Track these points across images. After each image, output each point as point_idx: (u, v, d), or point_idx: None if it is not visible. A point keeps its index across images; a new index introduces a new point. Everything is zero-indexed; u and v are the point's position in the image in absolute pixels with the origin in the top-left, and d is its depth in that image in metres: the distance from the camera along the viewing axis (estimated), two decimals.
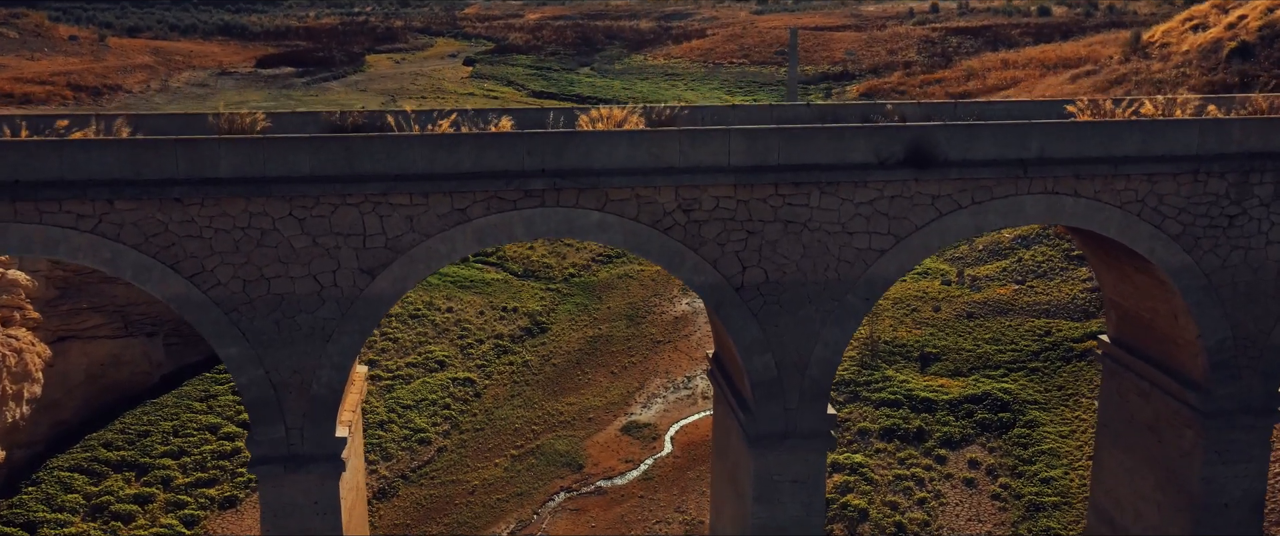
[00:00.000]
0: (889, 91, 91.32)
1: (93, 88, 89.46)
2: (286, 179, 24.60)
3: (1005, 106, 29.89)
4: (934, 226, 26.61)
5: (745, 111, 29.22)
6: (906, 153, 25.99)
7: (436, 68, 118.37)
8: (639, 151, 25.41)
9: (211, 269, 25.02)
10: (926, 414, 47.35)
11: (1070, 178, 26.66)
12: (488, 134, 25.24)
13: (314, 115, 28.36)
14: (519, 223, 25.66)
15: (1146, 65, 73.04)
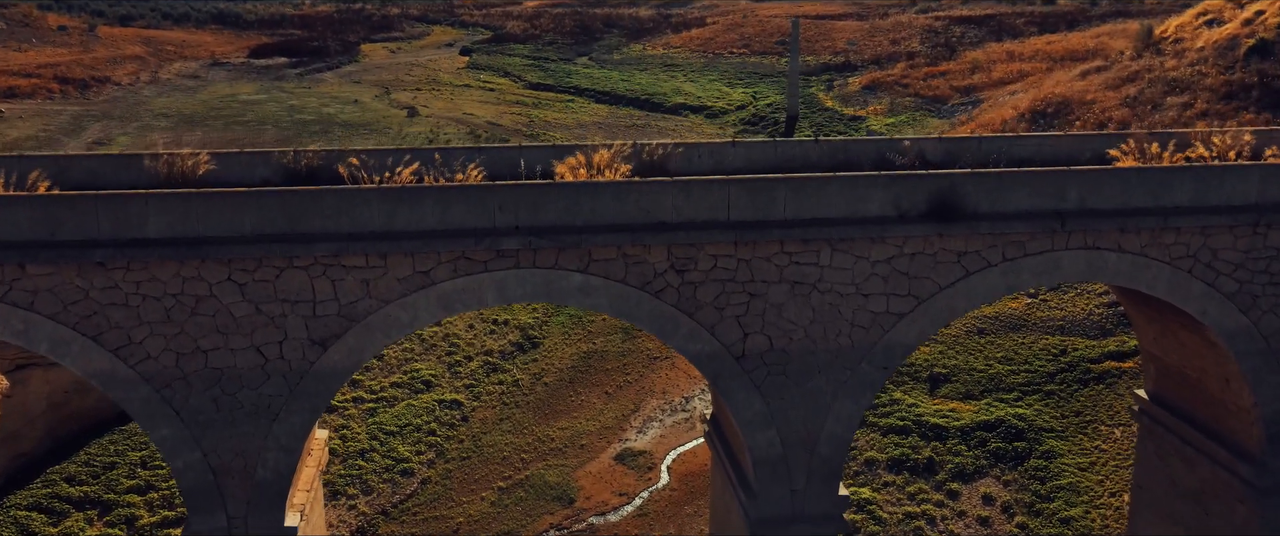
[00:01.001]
0: (892, 83, 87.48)
1: (80, 80, 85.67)
2: (225, 239, 21.04)
3: (1036, 142, 26.23)
4: (960, 287, 23.03)
5: (746, 149, 25.55)
6: (930, 204, 22.38)
7: (432, 58, 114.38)
8: (626, 205, 21.81)
9: (140, 341, 21.49)
10: (937, 442, 43.88)
11: (1113, 231, 23.06)
12: (454, 186, 21.63)
13: (264, 156, 24.71)
14: (490, 287, 22.10)
15: (1160, 62, 69.18)
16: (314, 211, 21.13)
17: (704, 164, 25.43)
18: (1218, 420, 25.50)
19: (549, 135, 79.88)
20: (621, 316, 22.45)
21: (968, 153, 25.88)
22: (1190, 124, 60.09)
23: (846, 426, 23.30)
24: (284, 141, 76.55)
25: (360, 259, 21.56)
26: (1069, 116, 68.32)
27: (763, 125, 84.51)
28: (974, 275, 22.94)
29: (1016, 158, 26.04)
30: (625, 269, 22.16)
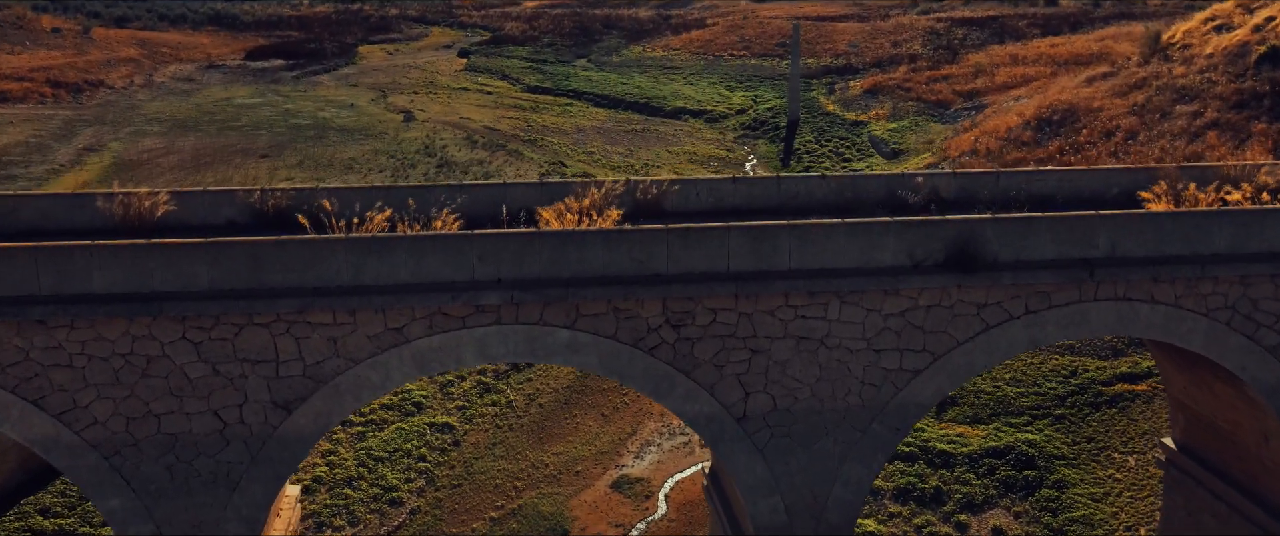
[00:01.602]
0: (894, 87, 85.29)
1: (73, 84, 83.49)
2: (178, 295, 18.95)
3: (1057, 177, 24.11)
4: (980, 341, 20.92)
5: (747, 186, 23.43)
6: (947, 253, 20.28)
7: (430, 60, 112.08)
8: (617, 255, 19.71)
9: (86, 405, 19.42)
10: (944, 469, 41.78)
11: (1146, 280, 20.95)
12: (428, 236, 19.51)
13: (228, 196, 22.61)
14: (470, 345, 19.99)
15: (1168, 68, 67.01)
16: (276, 264, 19.04)
17: (702, 202, 23.34)
18: (1255, 478, 23.42)
19: (547, 141, 77.77)
20: (612, 375, 20.36)
21: (984, 189, 23.79)
22: (1201, 134, 57.98)
23: (856, 491, 21.20)
24: (278, 147, 74.53)
25: (327, 315, 19.48)
26: (1076, 124, 66.17)
27: (763, 130, 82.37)
28: (994, 329, 20.83)
29: (1037, 194, 23.95)
30: (616, 324, 20.07)
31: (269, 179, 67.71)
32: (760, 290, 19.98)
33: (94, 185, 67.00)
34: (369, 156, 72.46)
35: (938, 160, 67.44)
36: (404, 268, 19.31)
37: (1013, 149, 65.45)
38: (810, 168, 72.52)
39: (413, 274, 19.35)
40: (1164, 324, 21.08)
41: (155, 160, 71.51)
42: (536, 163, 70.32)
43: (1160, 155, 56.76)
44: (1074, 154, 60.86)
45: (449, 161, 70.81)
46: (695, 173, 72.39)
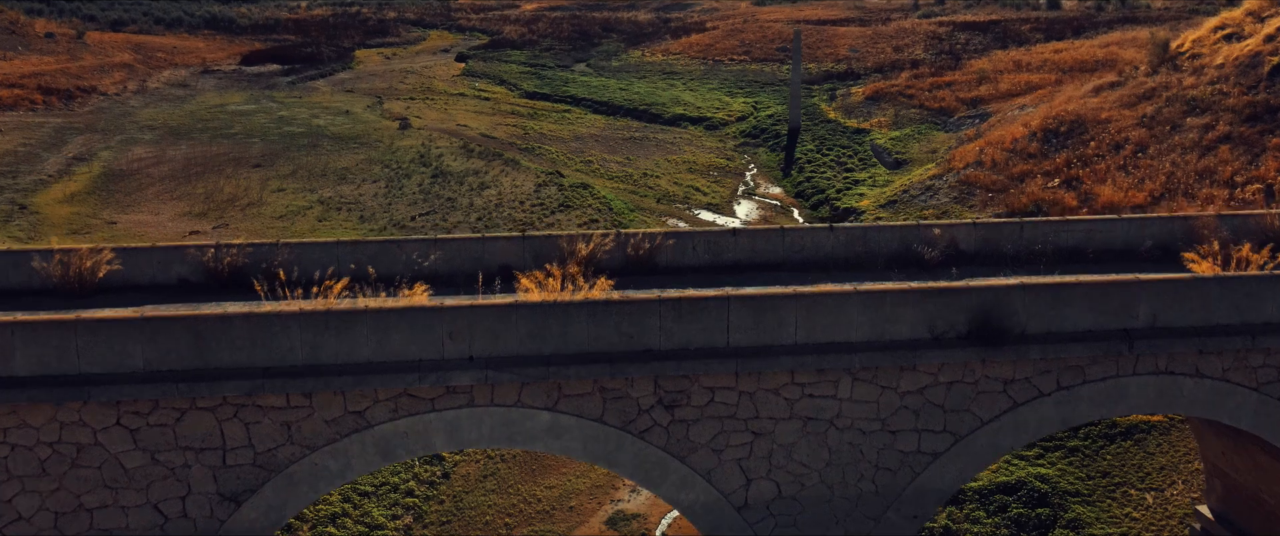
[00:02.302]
0: (896, 94, 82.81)
1: (65, 91, 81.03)
2: (111, 377, 16.61)
3: (1086, 227, 21.75)
4: (1006, 420, 18.56)
5: (749, 239, 21.07)
6: (971, 324, 17.92)
7: (427, 64, 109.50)
8: (604, 329, 17.36)
9: (9, 499, 17.09)
10: (953, 507, 39.40)
11: (1191, 353, 18.59)
12: (392, 309, 17.16)
13: (179, 252, 20.25)
14: (439, 429, 17.64)
15: (1177, 78, 64.50)
16: (221, 341, 16.70)
17: (698, 257, 20.98)
18: None
19: (544, 149, 75.37)
20: (598, 462, 18.04)
21: (1007, 241, 21.44)
22: (1213, 148, 55.57)
23: None
24: (271, 156, 72.26)
25: (279, 398, 17.14)
26: (1083, 135, 63.73)
27: (764, 138, 79.97)
28: (1023, 407, 18.48)
29: (1064, 246, 21.61)
30: (603, 405, 17.73)
31: (261, 190, 65.45)
32: (763, 367, 17.64)
33: (82, 197, 64.71)
34: (363, 166, 70.16)
35: (942, 171, 65.07)
36: (366, 345, 16.97)
37: (1019, 161, 63.03)
38: (811, 178, 70.18)
39: (375, 351, 17.01)
40: (1210, 399, 18.72)
41: (145, 170, 69.20)
42: (533, 172, 67.98)
43: (1171, 169, 54.40)
44: (1082, 166, 58.46)
45: (444, 171, 68.51)
46: (695, 182, 70.09)
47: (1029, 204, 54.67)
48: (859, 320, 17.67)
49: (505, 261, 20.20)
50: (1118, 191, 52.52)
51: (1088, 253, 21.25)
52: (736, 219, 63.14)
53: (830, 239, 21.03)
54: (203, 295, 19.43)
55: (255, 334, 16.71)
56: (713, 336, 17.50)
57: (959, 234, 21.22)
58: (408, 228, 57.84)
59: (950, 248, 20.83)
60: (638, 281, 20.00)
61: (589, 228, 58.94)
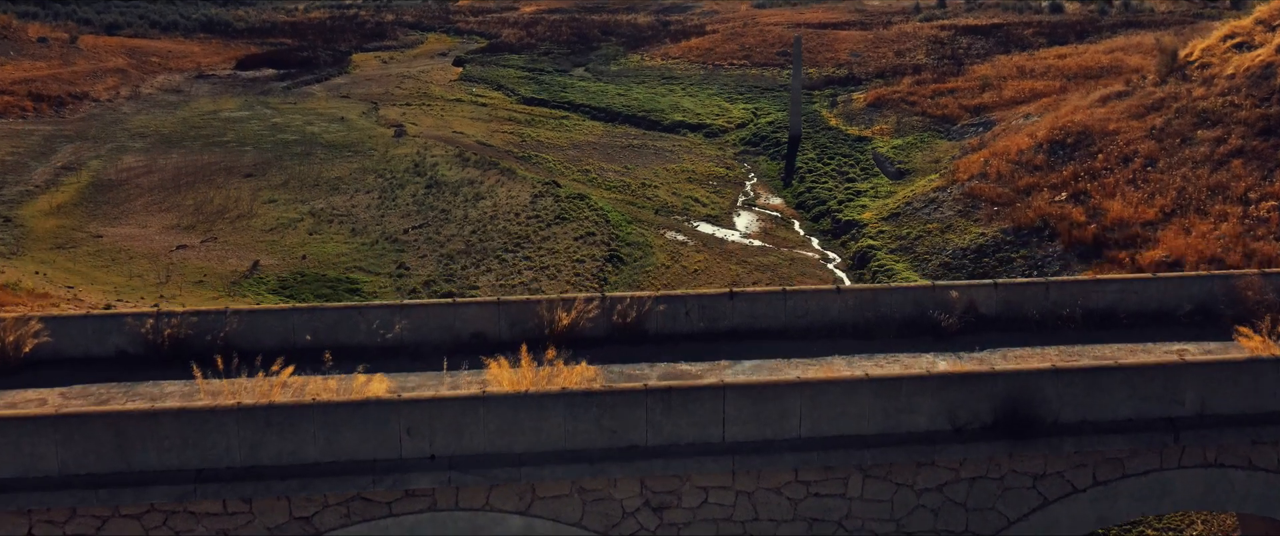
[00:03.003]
0: (898, 101, 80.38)
1: (56, 98, 78.69)
2: (21, 482, 14.34)
3: (1119, 288, 19.45)
4: (1036, 519, 16.27)
5: (748, 304, 18.79)
6: (997, 414, 15.64)
7: (424, 68, 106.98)
8: (583, 423, 15.08)
9: None
10: None
11: (1244, 443, 16.30)
12: (344, 402, 14.87)
13: (117, 321, 17.96)
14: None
15: (1187, 89, 62.06)
16: (149, 441, 14.43)
17: (692, 324, 18.69)
18: None
19: (541, 157, 73.05)
20: None
21: (1032, 304, 19.15)
22: (1225, 162, 53.18)
23: None
24: (263, 165, 69.99)
25: (215, 504, 14.87)
26: (1091, 147, 61.29)
27: (764, 145, 77.62)
28: (1054, 504, 16.22)
29: (1095, 308, 19.32)
30: (582, 509, 15.46)
31: (252, 200, 63.17)
32: (764, 464, 15.37)
33: (69, 209, 62.42)
34: (357, 175, 67.90)
35: (945, 183, 62.67)
36: (313, 443, 14.70)
37: (1024, 173, 60.61)
38: (813, 188, 67.83)
39: (324, 451, 14.75)
40: (1265, 494, 16.46)
41: (134, 180, 66.93)
42: (530, 182, 65.68)
43: (1182, 184, 52.07)
44: (1090, 180, 56.07)
45: (439, 181, 66.25)
46: (694, 192, 67.73)
47: (1036, 218, 52.38)
48: (871, 410, 15.41)
49: (478, 329, 17.94)
50: (1127, 207, 50.22)
51: (1120, 316, 18.96)
52: (736, 231, 60.85)
53: (837, 302, 18.75)
54: (141, 371, 17.20)
55: (187, 432, 14.44)
56: (707, 430, 15.23)
57: (978, 296, 18.93)
58: (400, 241, 55.60)
59: (969, 312, 18.55)
60: (624, 352, 17.76)
61: (585, 240, 56.70)
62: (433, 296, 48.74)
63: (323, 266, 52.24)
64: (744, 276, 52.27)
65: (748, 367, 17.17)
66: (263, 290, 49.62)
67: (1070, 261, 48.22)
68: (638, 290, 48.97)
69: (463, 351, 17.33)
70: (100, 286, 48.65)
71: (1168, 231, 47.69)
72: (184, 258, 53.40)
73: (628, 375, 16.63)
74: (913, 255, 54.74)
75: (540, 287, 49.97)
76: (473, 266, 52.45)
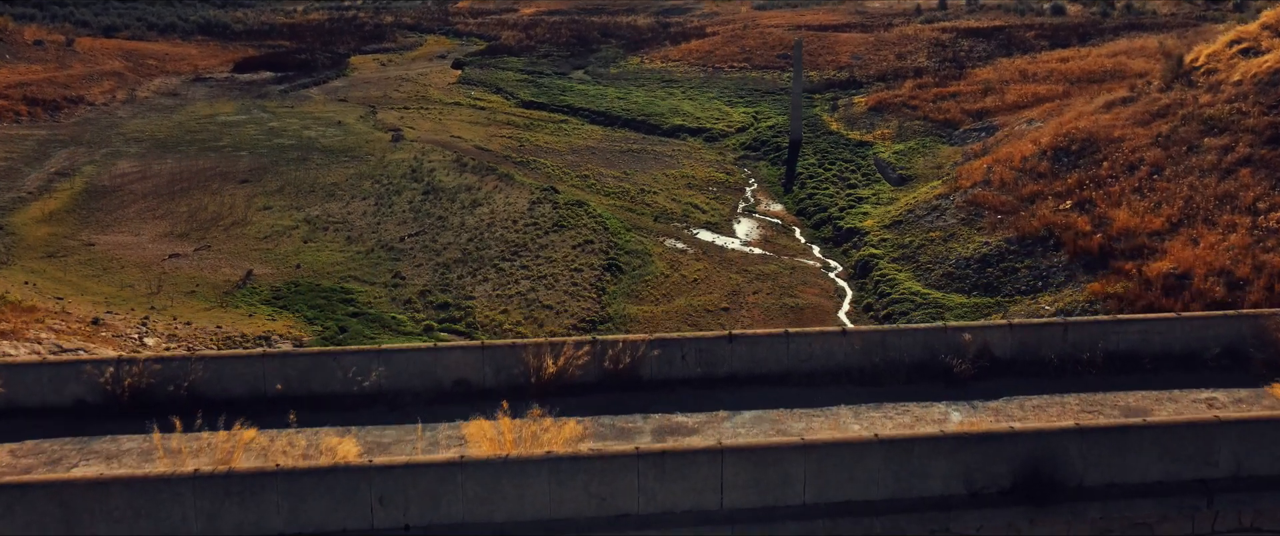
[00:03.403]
0: (900, 105, 79.01)
1: (51, 102, 77.37)
2: None
3: (1141, 329, 18.13)
4: None
5: (748, 347, 17.49)
6: (1017, 477, 14.34)
7: (423, 71, 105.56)
8: (570, 490, 13.78)
9: None
10: None
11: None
12: (310, 470, 13.57)
13: (74, 369, 16.65)
14: None
15: (1193, 95, 60.75)
16: (97, 513, 13.13)
17: (690, 369, 17.38)
18: None
19: (540, 162, 71.76)
20: None
21: (1049, 346, 17.85)
22: (1233, 171, 51.83)
23: None
24: (259, 171, 68.74)
25: None
26: (1096, 155, 60.02)
27: (764, 150, 76.31)
28: None
29: (1116, 350, 18.02)
30: None
31: (246, 207, 61.93)
32: (766, 531, 14.06)
33: (61, 216, 61.15)
34: (353, 181, 66.65)
35: (948, 190, 61.37)
36: (277, 513, 13.40)
37: (1029, 181, 59.32)
38: (814, 194, 66.52)
39: (289, 521, 13.45)
40: None
41: (128, 186, 65.70)
42: (528, 188, 64.41)
43: (1189, 193, 50.80)
44: (1095, 188, 54.78)
45: (436, 187, 65.00)
46: (693, 198, 66.47)
47: (1040, 228, 51.09)
48: (882, 474, 14.11)
49: (461, 376, 16.63)
50: (1133, 216, 48.95)
51: (1143, 359, 17.64)
52: (736, 239, 59.58)
53: (842, 345, 17.43)
54: (99, 423, 15.92)
55: (139, 502, 13.15)
56: (703, 496, 13.94)
57: (992, 339, 17.62)
58: (396, 250, 54.39)
59: (982, 355, 17.24)
60: (616, 400, 16.47)
61: (583, 248, 55.39)
62: (426, 308, 47.50)
63: (317, 275, 51.02)
64: (744, 286, 51.02)
65: (747, 419, 15.89)
66: (256, 301, 48.44)
67: (1075, 271, 46.95)
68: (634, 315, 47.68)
69: (444, 400, 16.05)
70: (90, 297, 47.43)
71: (1175, 242, 46.37)
72: (176, 267, 52.17)
73: (619, 428, 15.35)
74: (915, 264, 53.43)
75: (537, 297, 48.74)
76: (469, 276, 51.22)
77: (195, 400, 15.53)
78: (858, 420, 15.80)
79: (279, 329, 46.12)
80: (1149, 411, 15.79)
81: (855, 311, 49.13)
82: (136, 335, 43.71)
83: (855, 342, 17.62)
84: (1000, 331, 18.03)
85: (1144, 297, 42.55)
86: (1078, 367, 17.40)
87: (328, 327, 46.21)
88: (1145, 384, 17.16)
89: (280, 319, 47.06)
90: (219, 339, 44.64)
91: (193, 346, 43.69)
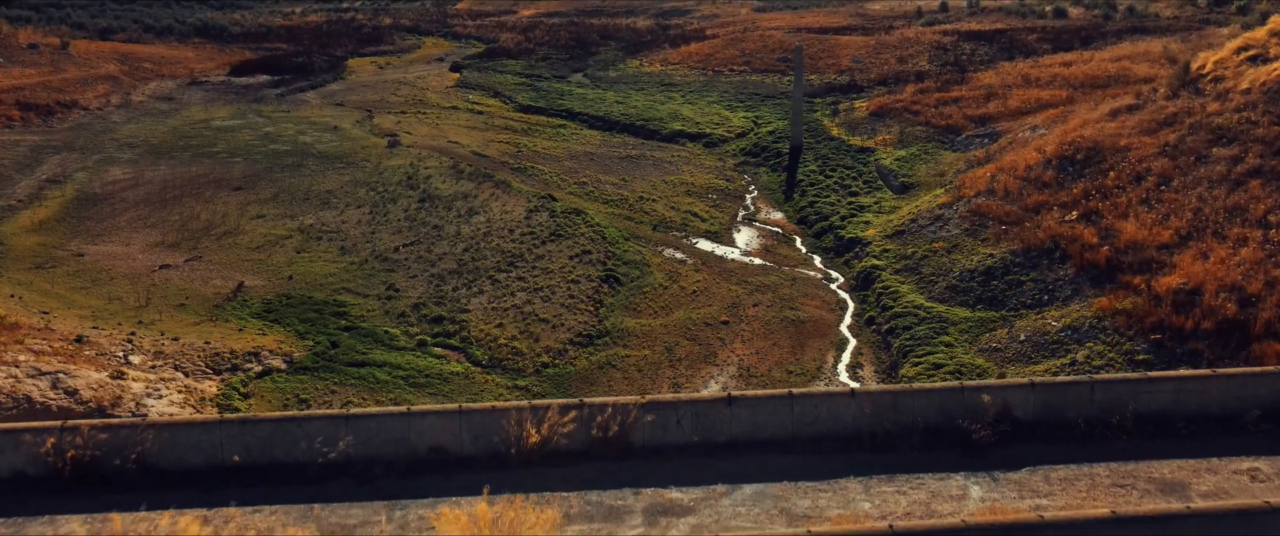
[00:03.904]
0: (901, 110, 77.44)
1: (45, 107, 75.75)
2: None
3: (1174, 387, 16.56)
4: None
5: (750, 411, 15.91)
6: None
7: (421, 74, 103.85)
8: None
9: None
10: None
11: None
12: None
13: (13, 438, 15.05)
14: None
15: (1200, 103, 59.14)
16: None
17: (685, 435, 15.81)
18: None
19: (537, 169, 70.22)
20: None
21: (1074, 407, 16.27)
22: (1243, 182, 50.26)
23: None
24: (253, 178, 67.24)
25: None
26: (1101, 164, 58.48)
27: (765, 156, 74.73)
28: None
29: (1147, 411, 16.42)
30: None
31: (239, 216, 60.43)
32: None
33: (51, 225, 59.67)
34: (348, 189, 65.17)
35: (951, 200, 59.81)
36: None
37: (1033, 190, 57.82)
38: (814, 202, 64.99)
39: None
40: None
41: (120, 194, 64.23)
42: (525, 196, 62.92)
43: (1197, 205, 49.31)
44: (1101, 199, 53.30)
45: (432, 195, 63.53)
46: (693, 206, 64.92)
47: (1046, 239, 49.63)
48: None
49: (437, 442, 15.06)
50: (1141, 228, 47.45)
51: (1177, 421, 16.07)
52: (736, 248, 58.07)
53: (851, 408, 15.84)
54: (39, 499, 14.34)
55: None
56: None
57: (1013, 399, 16.02)
58: (390, 261, 52.92)
59: (1003, 417, 15.64)
60: (605, 471, 14.90)
61: (580, 259, 53.80)
62: (420, 321, 45.95)
63: (310, 287, 49.58)
64: (744, 297, 49.56)
65: (748, 495, 14.32)
66: (246, 314, 47.05)
67: (1082, 285, 45.50)
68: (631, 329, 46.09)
69: (419, 471, 14.48)
70: (77, 311, 46.01)
71: (1184, 256, 44.87)
72: (166, 278, 50.73)
73: (607, 507, 13.77)
74: (918, 276, 51.93)
75: (533, 310, 47.30)
76: (464, 287, 49.78)
77: (145, 473, 13.95)
78: (868, 495, 14.23)
79: (269, 344, 44.69)
80: (1187, 485, 14.21)
81: (857, 325, 47.72)
82: (121, 354, 42.16)
83: (864, 405, 16.02)
84: (1022, 391, 16.42)
85: (1153, 314, 41.10)
86: (1106, 432, 15.84)
87: (319, 342, 44.83)
88: (1181, 450, 15.58)
89: (271, 333, 45.63)
90: (207, 355, 43.20)
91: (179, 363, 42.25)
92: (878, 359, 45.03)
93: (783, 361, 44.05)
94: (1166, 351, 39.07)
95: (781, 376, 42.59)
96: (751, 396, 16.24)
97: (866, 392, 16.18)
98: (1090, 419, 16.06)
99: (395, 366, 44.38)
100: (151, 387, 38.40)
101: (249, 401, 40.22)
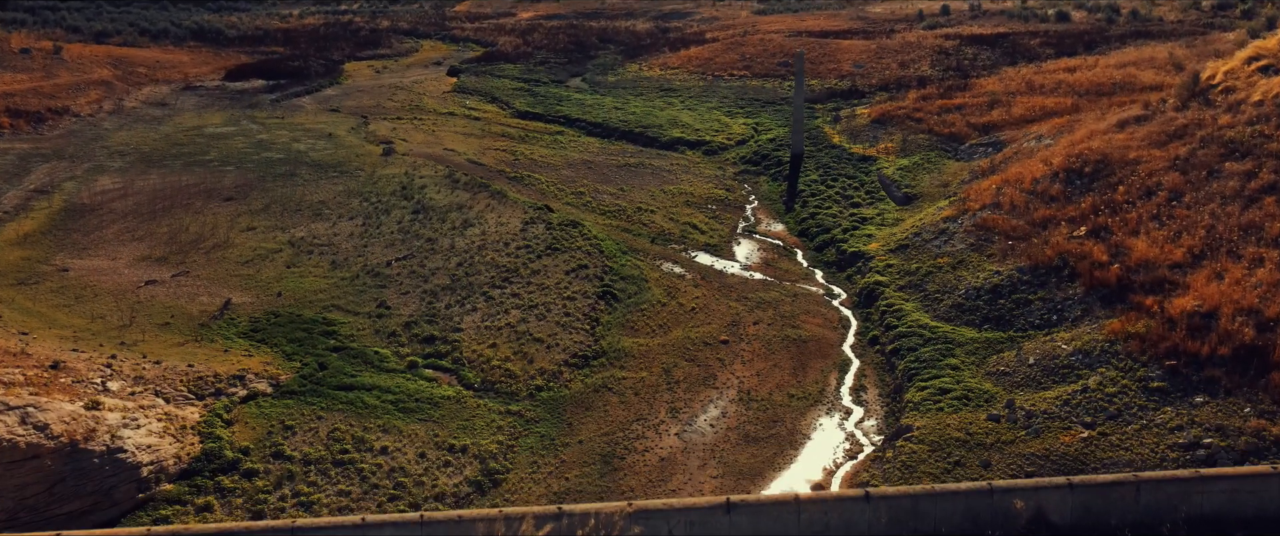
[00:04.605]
0: (903, 117, 75.51)
1: (35, 113, 73.76)
2: None
3: (1229, 488, 14.70)
4: None
5: (751, 516, 13.95)
6: None
7: (418, 78, 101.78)
8: None
9: None
10: None
11: None
12: None
13: None
14: None
15: (1211, 115, 57.21)
16: None
17: None
18: None
19: (534, 178, 68.30)
20: None
21: (1118, 510, 14.40)
22: (1257, 198, 48.36)
23: None
24: (244, 187, 65.39)
25: None
26: (1110, 178, 56.57)
27: (765, 165, 72.83)
28: None
29: (1200, 513, 14.50)
30: None
31: (229, 228, 58.58)
32: None
33: (37, 237, 57.76)
34: (341, 199, 63.28)
35: (956, 213, 57.88)
36: None
37: (1040, 204, 55.94)
38: (816, 213, 63.12)
39: None
40: None
41: (108, 205, 62.31)
42: (521, 207, 61.03)
43: (1211, 221, 47.44)
44: (1111, 214, 51.42)
45: (427, 206, 61.65)
46: (692, 217, 63.04)
47: (1054, 256, 47.76)
48: None
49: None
50: (1152, 246, 45.60)
51: (1233, 526, 14.09)
52: (736, 262, 56.21)
53: (865, 515, 13.90)
54: None
55: None
56: None
57: (1048, 502, 14.13)
58: (382, 276, 51.04)
59: (1037, 523, 13.69)
60: None
61: (577, 274, 51.95)
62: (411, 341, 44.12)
63: (299, 304, 47.76)
64: (744, 314, 47.77)
65: None
66: (232, 333, 45.22)
67: (1092, 305, 43.63)
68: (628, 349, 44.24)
69: None
70: (58, 330, 44.14)
71: (1198, 276, 42.96)
72: (152, 295, 48.84)
73: None
74: (923, 293, 50.03)
75: (528, 329, 45.52)
76: (457, 304, 47.94)
77: None
78: None
79: (255, 366, 42.87)
80: None
81: (860, 344, 45.94)
82: (99, 380, 40.21)
83: (881, 512, 14.06)
84: (1058, 494, 14.49)
85: (1167, 339, 39.22)
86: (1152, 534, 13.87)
87: (307, 364, 43.03)
88: None
89: (257, 354, 43.83)
90: (189, 379, 41.33)
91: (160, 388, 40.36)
92: (882, 381, 43.24)
93: (784, 384, 42.26)
94: (1182, 378, 37.19)
95: (783, 400, 40.86)
96: (753, 502, 14.28)
97: (882, 497, 14.23)
98: (1136, 525, 14.09)
99: (384, 390, 42.46)
100: (129, 417, 36.45)
101: (232, 428, 38.41)
